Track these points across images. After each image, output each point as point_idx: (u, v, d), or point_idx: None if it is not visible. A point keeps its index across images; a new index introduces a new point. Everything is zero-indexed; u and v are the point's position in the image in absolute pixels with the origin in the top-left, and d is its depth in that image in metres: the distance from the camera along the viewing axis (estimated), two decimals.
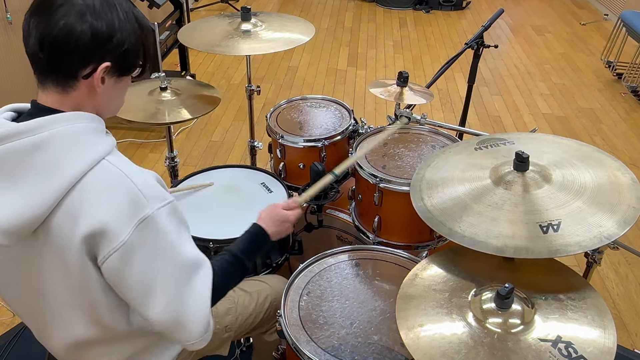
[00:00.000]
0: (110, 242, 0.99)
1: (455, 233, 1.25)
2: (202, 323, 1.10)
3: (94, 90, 1.05)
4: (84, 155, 1.00)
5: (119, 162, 1.04)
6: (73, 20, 0.98)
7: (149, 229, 1.01)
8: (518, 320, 1.14)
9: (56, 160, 0.98)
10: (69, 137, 1.00)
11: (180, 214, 1.08)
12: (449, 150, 1.56)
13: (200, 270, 1.11)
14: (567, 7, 6.23)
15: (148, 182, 1.04)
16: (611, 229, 1.18)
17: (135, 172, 1.03)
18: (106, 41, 1.01)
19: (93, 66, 1.02)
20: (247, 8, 2.16)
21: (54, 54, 0.99)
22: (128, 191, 1.00)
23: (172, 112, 1.96)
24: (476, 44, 2.42)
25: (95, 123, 1.06)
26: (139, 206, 1.00)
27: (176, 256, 1.06)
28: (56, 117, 1.00)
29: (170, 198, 1.06)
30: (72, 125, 1.01)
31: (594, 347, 1.09)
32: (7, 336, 2.12)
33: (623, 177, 1.30)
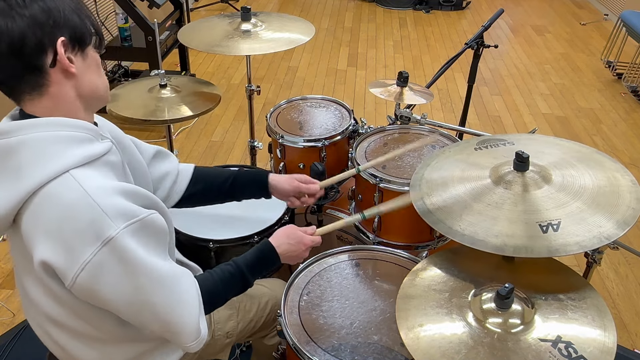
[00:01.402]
0: (74, 263, 0.97)
1: (454, 231, 1.25)
2: (194, 330, 1.10)
3: (69, 73, 1.01)
4: (46, 165, 0.98)
5: (85, 177, 0.99)
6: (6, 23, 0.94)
7: (115, 250, 0.98)
8: (518, 320, 1.14)
9: (21, 167, 0.98)
10: (37, 144, 0.99)
11: (152, 228, 1.04)
12: (449, 150, 1.56)
13: (180, 280, 1.10)
14: (567, 7, 6.23)
15: (114, 198, 0.99)
16: (611, 229, 1.18)
17: (100, 188, 0.99)
18: (48, 18, 0.96)
19: (51, 49, 0.98)
20: (247, 8, 2.16)
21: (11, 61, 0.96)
22: (88, 212, 0.97)
23: (171, 109, 1.96)
24: (476, 44, 2.42)
25: (71, 130, 1.02)
26: (102, 227, 0.97)
27: (151, 271, 1.03)
28: (29, 122, 0.99)
29: (140, 214, 1.01)
30: (43, 133, 0.99)
31: (594, 347, 1.09)
32: (7, 336, 2.12)
33: (622, 179, 1.31)
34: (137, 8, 3.38)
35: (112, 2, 3.96)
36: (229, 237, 1.65)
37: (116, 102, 1.96)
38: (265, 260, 1.32)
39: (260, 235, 1.68)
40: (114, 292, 1.02)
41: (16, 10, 0.94)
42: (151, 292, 1.04)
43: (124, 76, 3.89)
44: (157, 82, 2.05)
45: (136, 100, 1.99)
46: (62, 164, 0.99)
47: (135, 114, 1.92)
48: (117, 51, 3.65)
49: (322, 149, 2.01)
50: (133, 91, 2.04)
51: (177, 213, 1.78)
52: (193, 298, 1.12)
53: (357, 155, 1.84)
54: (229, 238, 1.65)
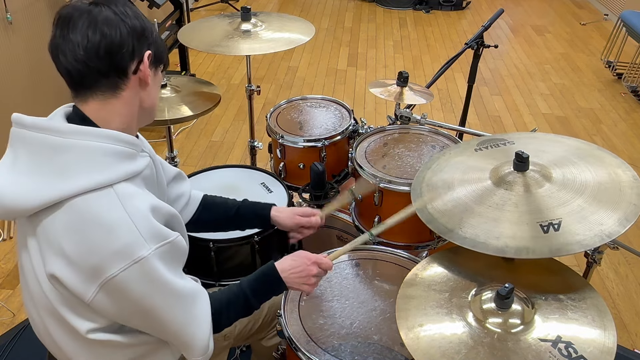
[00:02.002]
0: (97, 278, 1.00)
1: (456, 235, 1.25)
2: (204, 347, 1.16)
3: (144, 83, 1.11)
4: (92, 174, 1.02)
5: (126, 196, 1.03)
6: (107, 23, 1.05)
7: (144, 269, 1.02)
8: (518, 320, 1.14)
9: (67, 168, 1.01)
10: (88, 152, 1.03)
11: (178, 252, 1.10)
12: (450, 151, 1.56)
13: (197, 299, 1.15)
14: (567, 7, 6.23)
15: (150, 223, 1.04)
16: (612, 226, 1.17)
17: (137, 210, 1.03)
18: (142, 33, 1.09)
19: (138, 59, 1.08)
20: (247, 8, 2.16)
21: (105, 58, 1.04)
22: (126, 231, 1.00)
23: (172, 109, 1.96)
24: (476, 44, 2.42)
25: (121, 145, 1.07)
26: (135, 247, 1.01)
27: (170, 291, 1.08)
28: (85, 129, 1.04)
29: (170, 237, 1.07)
30: (95, 143, 1.04)
31: (594, 347, 1.09)
32: (7, 336, 2.12)
33: (624, 175, 1.30)
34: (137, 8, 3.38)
35: None
36: (229, 237, 1.65)
37: None
38: (268, 281, 1.29)
39: (260, 235, 1.68)
40: (131, 308, 1.06)
41: (122, 20, 1.06)
42: (168, 311, 1.09)
43: None
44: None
45: None
46: (108, 178, 1.03)
47: None
48: None
49: (322, 149, 2.01)
50: None
51: None
52: (207, 317, 1.17)
53: (357, 155, 1.84)
54: (229, 238, 1.65)
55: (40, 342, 1.21)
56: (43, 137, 1.02)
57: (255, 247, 1.68)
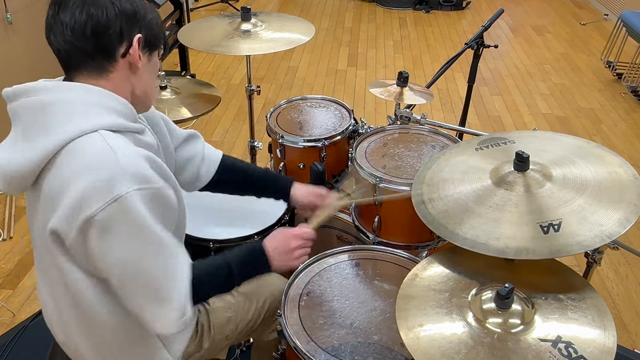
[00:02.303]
0: (79, 215, 0.99)
1: (456, 236, 1.25)
2: (178, 307, 1.09)
3: (134, 67, 1.10)
4: (78, 122, 1.02)
5: (111, 137, 1.03)
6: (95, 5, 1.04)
7: (121, 209, 0.99)
8: (518, 320, 1.14)
9: (53, 122, 1.02)
10: (71, 103, 1.04)
11: (163, 200, 1.06)
12: (450, 151, 1.56)
13: (178, 254, 1.10)
14: (567, 7, 6.23)
15: (135, 160, 1.03)
16: (612, 227, 1.17)
17: (124, 148, 1.02)
18: (133, 16, 1.07)
19: (127, 42, 1.07)
20: (247, 8, 2.16)
21: (91, 39, 1.04)
22: (108, 166, 0.99)
23: (171, 110, 1.96)
24: (476, 44, 2.42)
25: (109, 100, 1.07)
26: (114, 183, 0.98)
27: (150, 238, 1.04)
28: (68, 84, 1.05)
29: (156, 183, 1.04)
30: (80, 95, 1.05)
31: (594, 347, 1.08)
32: (7, 336, 2.12)
33: (624, 174, 1.30)
34: None
35: None
36: (229, 237, 1.65)
37: None
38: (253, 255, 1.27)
39: (260, 235, 1.68)
40: (112, 250, 1.02)
41: (112, 2, 1.05)
42: (148, 257, 1.05)
43: None
44: (157, 84, 2.05)
45: None
46: (93, 123, 1.03)
47: None
48: None
49: (322, 149, 2.01)
50: None
51: None
52: (185, 276, 1.12)
53: (357, 155, 1.84)
54: (229, 238, 1.66)
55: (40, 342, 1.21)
56: (29, 100, 1.03)
57: None
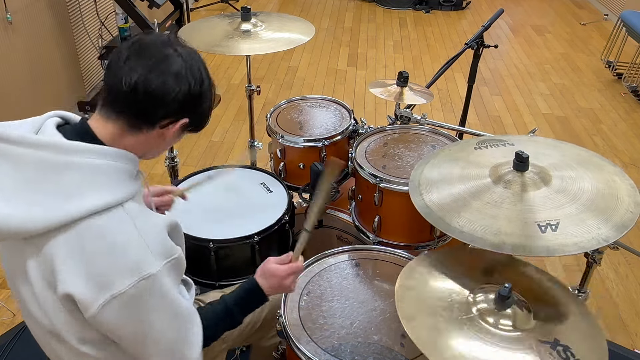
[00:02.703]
0: (107, 291, 0.99)
1: (453, 229, 1.25)
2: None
3: (163, 138, 1.09)
4: (100, 194, 0.99)
5: (135, 213, 1.03)
6: (173, 76, 1.03)
7: (150, 286, 1.02)
8: (517, 321, 1.14)
9: (73, 188, 0.98)
10: (95, 171, 1.00)
11: (181, 267, 1.10)
12: (449, 149, 1.56)
13: (193, 320, 1.15)
14: (567, 7, 6.23)
15: (159, 238, 1.04)
16: (609, 232, 1.18)
17: (148, 227, 1.03)
18: (193, 103, 1.07)
19: (172, 119, 1.07)
20: (247, 8, 2.16)
21: (146, 102, 1.03)
22: (137, 250, 1.00)
23: None
24: (476, 44, 2.42)
25: (127, 164, 1.06)
26: (144, 264, 1.00)
27: (173, 309, 1.08)
28: (94, 148, 1.01)
29: (176, 253, 1.06)
30: (103, 161, 1.02)
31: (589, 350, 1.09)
32: (7, 336, 2.12)
33: (621, 182, 1.31)
34: (137, 8, 3.38)
35: (112, 2, 3.96)
36: (229, 237, 1.65)
37: None
38: (251, 295, 1.30)
39: (260, 235, 1.68)
40: (134, 324, 1.04)
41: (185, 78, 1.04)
42: (169, 328, 1.08)
43: None
44: None
45: None
46: (118, 197, 1.01)
47: None
48: None
49: (322, 149, 2.01)
50: None
51: (178, 212, 1.77)
52: (199, 338, 1.16)
53: (357, 155, 1.84)
54: (229, 238, 1.65)
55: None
56: (39, 155, 0.98)
57: (255, 247, 1.68)
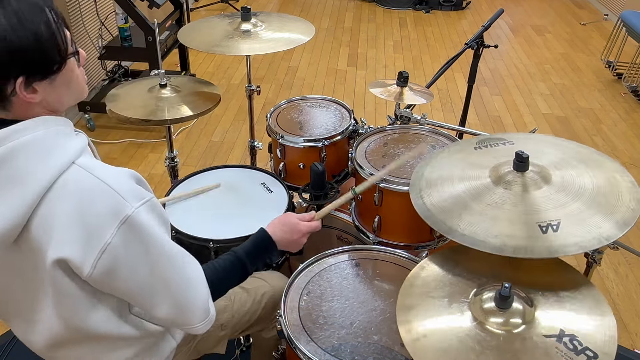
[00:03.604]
0: (94, 247, 0.98)
1: (454, 232, 1.25)
2: (203, 308, 1.13)
3: (31, 102, 1.00)
4: (52, 161, 0.98)
5: (91, 166, 1.01)
6: None
7: (133, 228, 1.00)
8: (520, 319, 1.14)
9: (25, 169, 0.96)
10: (35, 144, 0.98)
11: (159, 210, 1.07)
12: (449, 149, 1.56)
13: (189, 259, 1.13)
14: (567, 7, 6.23)
15: (124, 181, 1.02)
16: (610, 230, 1.18)
17: (110, 173, 1.01)
18: (8, 61, 0.95)
19: (12, 83, 0.97)
20: (247, 8, 2.16)
21: None
22: (105, 196, 0.98)
23: (172, 108, 1.96)
24: (476, 44, 2.42)
25: (60, 125, 1.02)
26: (119, 207, 0.99)
27: (165, 248, 1.06)
28: (18, 127, 0.98)
29: (148, 195, 1.04)
30: (36, 133, 0.99)
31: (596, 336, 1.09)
32: (7, 336, 2.12)
33: (622, 180, 1.31)
34: (137, 8, 3.38)
35: (112, 2, 3.96)
36: (229, 237, 1.65)
37: (116, 102, 1.95)
38: (263, 248, 1.34)
39: None
40: (132, 271, 1.03)
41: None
42: (166, 268, 1.06)
43: (124, 76, 3.89)
44: (157, 82, 2.04)
45: (136, 100, 1.99)
46: (66, 157, 0.99)
47: (135, 114, 1.91)
48: (117, 51, 3.65)
49: (322, 149, 2.01)
50: (133, 91, 2.03)
51: (178, 212, 1.78)
52: (202, 277, 1.15)
53: (357, 155, 1.84)
54: (229, 238, 1.65)
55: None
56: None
57: None
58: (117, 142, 3.56)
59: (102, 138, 3.59)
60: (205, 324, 1.15)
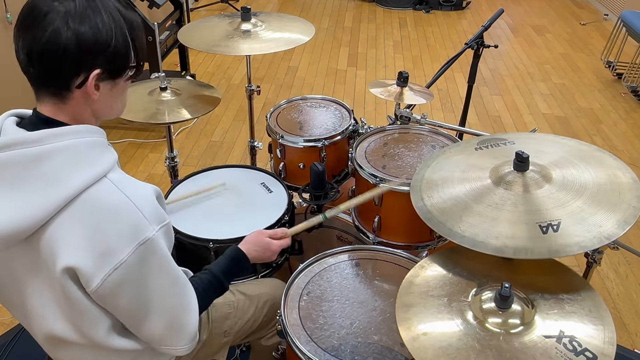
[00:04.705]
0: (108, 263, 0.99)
1: (455, 233, 1.25)
2: (192, 333, 1.17)
3: (90, 98, 1.04)
4: (85, 171, 0.99)
5: (121, 182, 1.03)
6: (57, 30, 0.96)
7: (149, 250, 1.02)
8: (519, 319, 1.14)
9: (57, 173, 0.98)
10: (72, 151, 1.00)
11: (171, 232, 1.11)
12: (449, 150, 1.56)
13: (188, 285, 1.17)
14: (567, 7, 6.23)
15: (150, 203, 1.04)
16: (611, 228, 1.17)
17: (138, 193, 1.03)
18: (92, 47, 0.98)
19: (84, 75, 1.00)
20: (247, 8, 2.16)
21: (44, 67, 0.99)
22: (130, 215, 1.00)
23: (172, 112, 1.96)
24: (476, 44, 2.42)
25: (97, 136, 1.05)
26: (140, 229, 1.01)
27: (172, 273, 1.10)
28: (60, 130, 1.00)
29: (167, 219, 1.07)
30: (75, 140, 1.01)
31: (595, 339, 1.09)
32: (7, 336, 2.12)
33: (623, 177, 1.30)
34: (137, 8, 3.37)
35: None
36: (229, 237, 1.65)
37: None
38: (239, 267, 1.40)
39: None
40: (137, 290, 1.05)
41: (71, 24, 0.96)
42: (169, 294, 1.10)
43: None
44: (158, 85, 2.04)
45: (136, 103, 1.99)
46: (100, 169, 1.01)
47: (136, 117, 1.92)
48: None
49: (322, 149, 2.01)
50: (133, 94, 2.03)
51: (178, 212, 1.78)
52: (196, 303, 1.18)
53: (357, 155, 1.84)
54: (229, 238, 1.65)
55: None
56: (12, 154, 0.96)
57: None
58: (117, 142, 3.56)
59: None
60: (190, 347, 1.18)
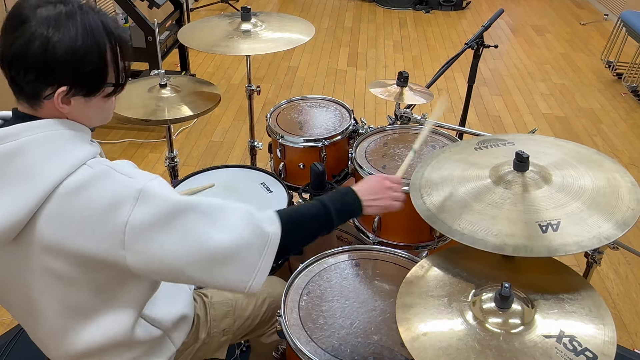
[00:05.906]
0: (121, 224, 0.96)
1: (454, 231, 1.25)
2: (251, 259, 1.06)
3: (60, 111, 1.02)
4: (59, 161, 0.97)
5: (102, 161, 1.02)
6: (30, 40, 0.94)
7: (148, 197, 0.99)
8: (519, 319, 1.14)
9: (32, 167, 0.96)
10: (47, 143, 0.98)
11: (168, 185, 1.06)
12: (449, 149, 1.56)
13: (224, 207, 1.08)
14: (567, 7, 6.24)
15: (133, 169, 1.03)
16: (610, 230, 1.18)
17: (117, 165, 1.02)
18: (60, 64, 0.96)
19: (52, 88, 0.98)
20: (247, 8, 2.16)
21: (12, 74, 0.98)
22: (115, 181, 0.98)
23: (172, 108, 1.96)
24: (476, 44, 2.42)
25: (76, 130, 1.03)
26: (130, 186, 0.98)
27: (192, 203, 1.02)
28: (33, 124, 0.98)
29: (156, 175, 1.04)
30: (50, 132, 0.99)
31: (595, 338, 1.09)
32: (7, 336, 2.12)
33: (622, 180, 1.31)
34: (137, 8, 3.38)
35: (112, 2, 3.96)
36: None
37: (116, 102, 1.95)
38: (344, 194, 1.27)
39: None
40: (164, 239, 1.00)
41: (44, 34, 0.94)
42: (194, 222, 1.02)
43: None
44: (157, 82, 2.04)
45: (136, 100, 1.99)
46: (78, 157, 0.99)
47: (136, 114, 1.91)
48: None
49: (322, 149, 2.01)
50: (133, 91, 2.03)
51: None
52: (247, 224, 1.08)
53: (357, 155, 1.84)
54: None
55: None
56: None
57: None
58: (117, 142, 3.56)
59: (102, 138, 3.58)
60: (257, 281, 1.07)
